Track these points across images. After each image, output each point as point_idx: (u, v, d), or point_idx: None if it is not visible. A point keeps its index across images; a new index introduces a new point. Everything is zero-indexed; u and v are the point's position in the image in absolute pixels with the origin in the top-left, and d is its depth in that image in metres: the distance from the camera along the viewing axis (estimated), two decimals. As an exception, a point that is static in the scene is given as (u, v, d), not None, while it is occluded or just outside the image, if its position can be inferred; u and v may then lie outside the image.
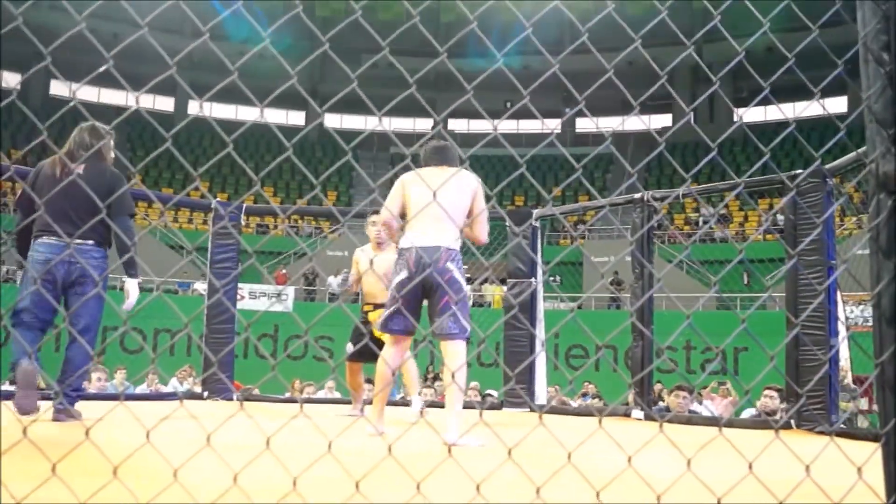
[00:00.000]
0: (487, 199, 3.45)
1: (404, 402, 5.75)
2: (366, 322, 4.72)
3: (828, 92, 21.66)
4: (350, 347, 4.80)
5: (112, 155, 3.77)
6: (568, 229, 12.48)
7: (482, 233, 3.34)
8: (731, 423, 5.07)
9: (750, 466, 1.23)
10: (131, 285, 3.58)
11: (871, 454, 1.31)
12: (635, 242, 5.67)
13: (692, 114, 25.76)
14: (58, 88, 23.99)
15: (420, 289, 3.21)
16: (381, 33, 1.61)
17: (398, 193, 3.37)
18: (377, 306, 4.66)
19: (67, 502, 1.24)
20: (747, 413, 8.39)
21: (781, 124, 23.22)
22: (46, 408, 3.28)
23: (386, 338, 3.40)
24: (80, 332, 3.43)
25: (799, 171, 4.69)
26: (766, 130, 23.77)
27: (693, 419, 5.62)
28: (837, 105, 22.85)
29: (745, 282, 16.30)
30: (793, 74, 1.57)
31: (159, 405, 5.32)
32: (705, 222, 20.31)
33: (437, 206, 3.00)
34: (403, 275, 3.22)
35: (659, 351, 5.19)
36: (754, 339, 1.22)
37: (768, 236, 18.28)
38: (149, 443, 1.20)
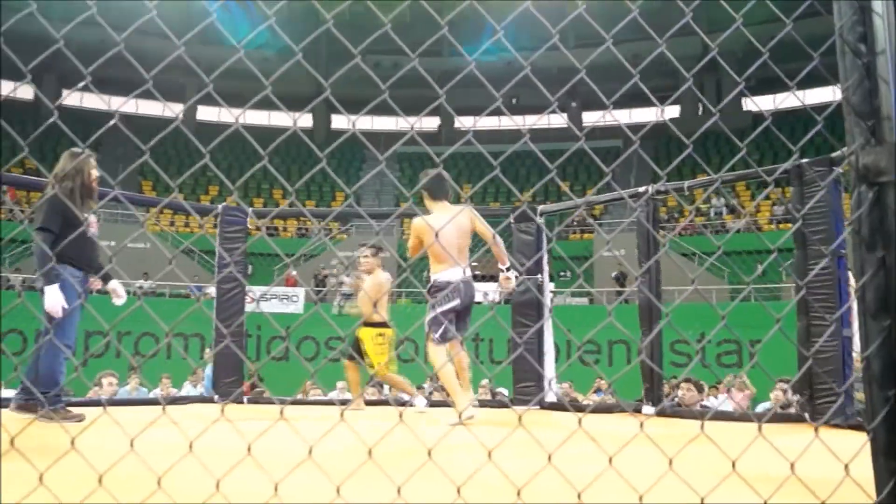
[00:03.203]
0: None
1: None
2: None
3: (824, 82, 21.49)
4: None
5: (95, 173, 3.93)
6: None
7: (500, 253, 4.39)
8: (742, 418, 5.01)
9: (733, 465, 1.22)
10: (47, 292, 3.58)
11: (859, 449, 1.29)
12: (641, 236, 5.63)
13: (699, 105, 25.59)
14: (68, 98, 24.13)
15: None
16: (384, 34, 1.63)
17: (416, 240, 4.30)
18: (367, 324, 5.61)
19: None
20: (762, 407, 8.32)
21: (790, 113, 23.00)
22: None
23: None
24: (41, 338, 3.73)
25: (806, 160, 4.63)
26: (774, 120, 23.55)
27: (703, 414, 5.58)
28: (836, 95, 22.61)
29: (759, 272, 16.16)
30: (800, 63, 1.56)
31: (169, 409, 5.35)
32: (717, 213, 20.18)
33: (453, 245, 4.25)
34: (456, 302, 4.27)
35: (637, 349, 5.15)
36: (733, 334, 1.21)
37: (780, 225, 18.15)
38: (132, 451, 1.21)
